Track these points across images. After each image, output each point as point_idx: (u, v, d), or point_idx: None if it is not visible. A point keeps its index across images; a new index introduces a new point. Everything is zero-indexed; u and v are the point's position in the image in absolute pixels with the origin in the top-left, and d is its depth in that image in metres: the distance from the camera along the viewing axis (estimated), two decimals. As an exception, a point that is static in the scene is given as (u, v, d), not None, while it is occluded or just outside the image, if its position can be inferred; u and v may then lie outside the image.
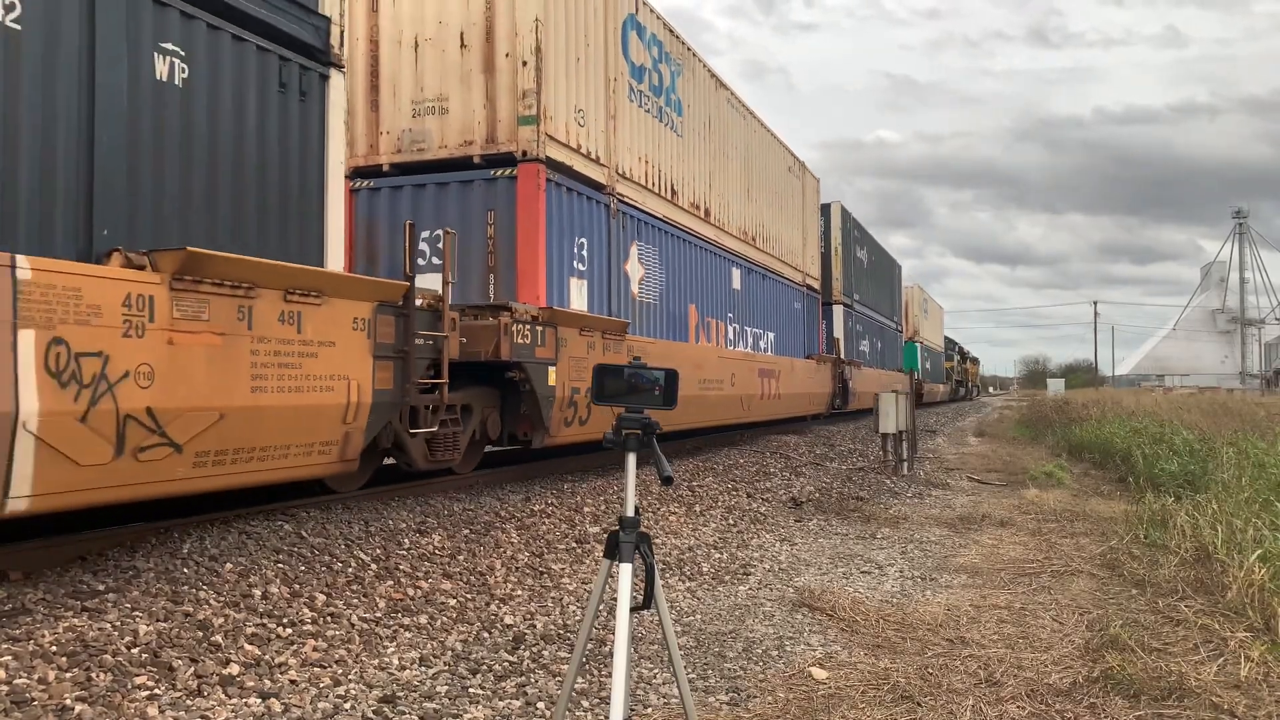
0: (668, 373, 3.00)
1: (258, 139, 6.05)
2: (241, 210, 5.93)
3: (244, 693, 3.89)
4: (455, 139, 9.45)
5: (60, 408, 4.34)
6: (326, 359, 5.96)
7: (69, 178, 4.85)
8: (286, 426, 5.71)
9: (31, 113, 4.66)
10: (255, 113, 6.03)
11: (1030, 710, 4.06)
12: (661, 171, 12.49)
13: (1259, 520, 6.80)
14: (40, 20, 4.64)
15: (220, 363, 5.17)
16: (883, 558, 7.58)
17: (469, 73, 9.39)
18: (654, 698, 4.21)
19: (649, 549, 2.89)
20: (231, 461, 5.37)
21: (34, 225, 4.67)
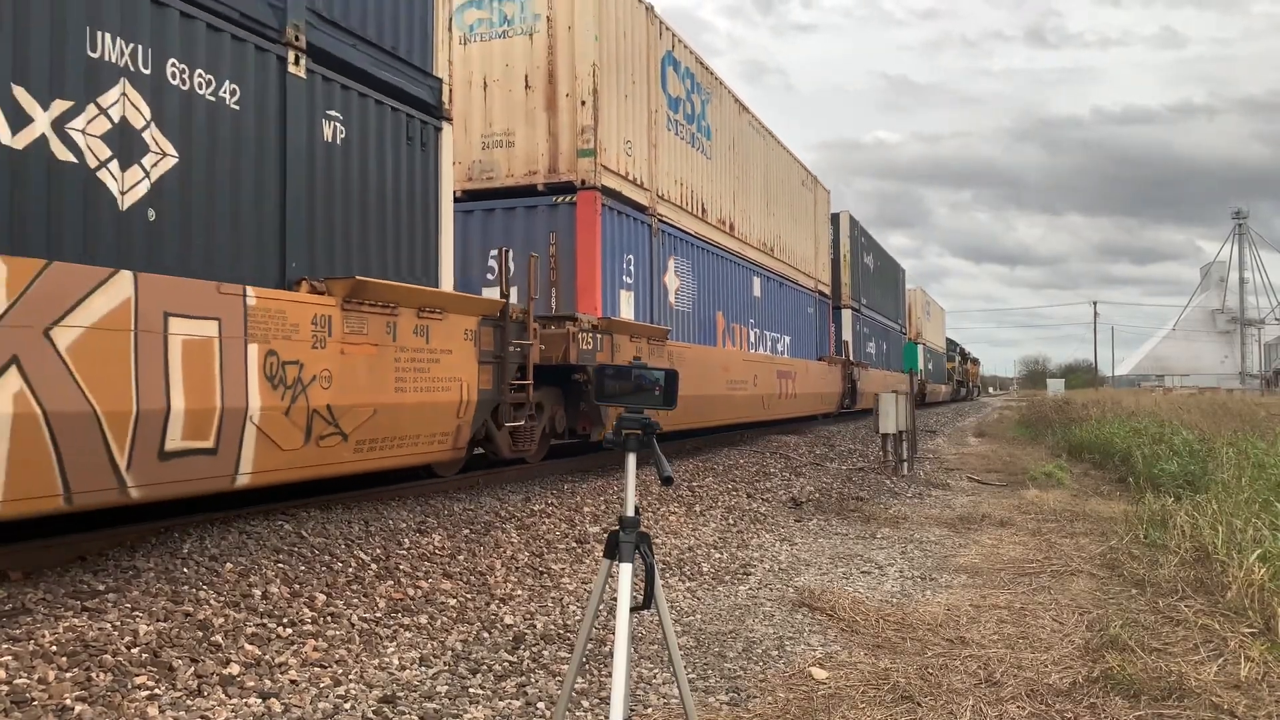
0: (668, 373, 3.00)
1: (393, 183, 7.35)
2: (382, 241, 7.24)
3: (244, 693, 3.89)
4: (520, 169, 10.63)
5: (273, 405, 5.59)
6: (446, 364, 7.32)
7: (271, 221, 6.09)
8: (418, 420, 7.03)
9: (248, 172, 5.90)
10: (391, 162, 7.32)
11: (1030, 710, 4.06)
12: (694, 192, 13.77)
13: (1259, 520, 6.80)
14: (252, 100, 5.92)
15: (375, 368, 6.50)
16: (883, 558, 7.58)
17: (533, 110, 10.64)
18: (654, 698, 4.21)
19: (649, 549, 2.89)
20: (380, 448, 6.70)
21: (251, 261, 5.92)
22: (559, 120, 10.50)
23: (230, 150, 5.76)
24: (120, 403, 4.70)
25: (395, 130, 7.38)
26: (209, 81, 5.61)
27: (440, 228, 7.92)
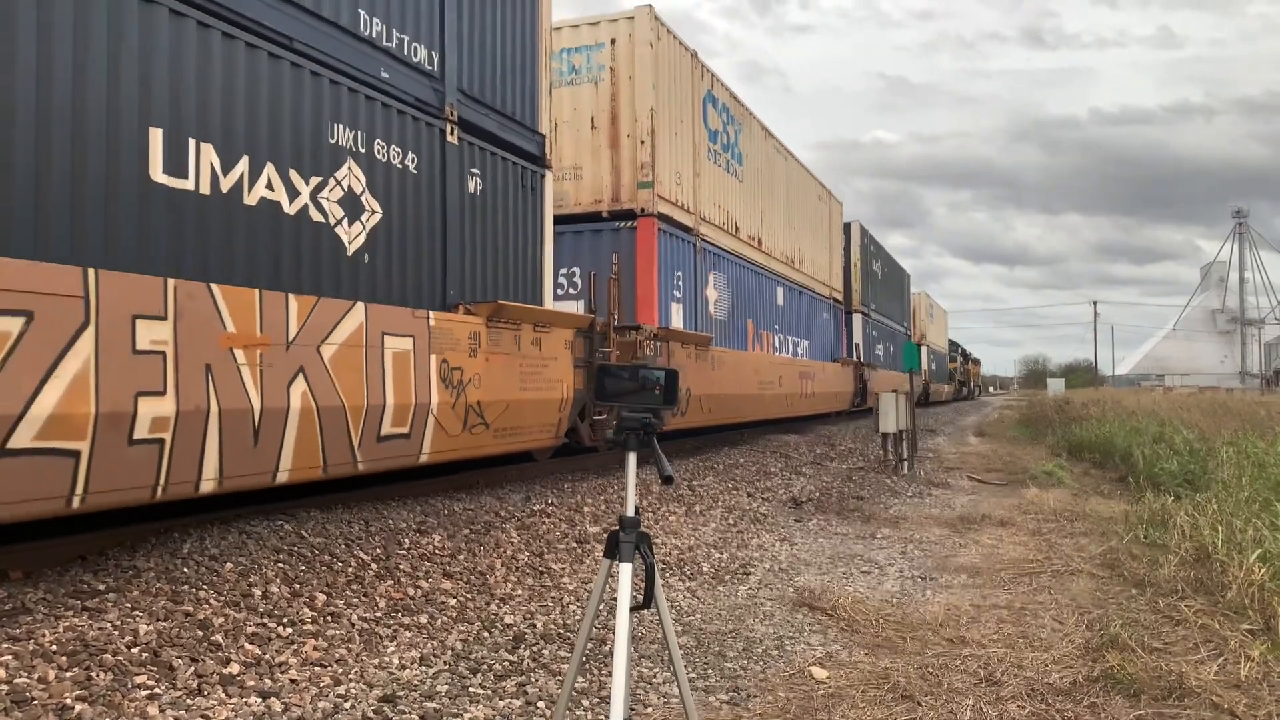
0: (668, 372, 3.00)
1: (513, 222, 9.19)
2: (506, 269, 9.04)
3: (244, 692, 3.89)
4: (587, 198, 12.44)
5: (445, 401, 7.48)
6: (552, 369, 9.26)
7: (437, 258, 7.89)
8: (534, 413, 8.95)
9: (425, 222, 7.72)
10: (512, 205, 9.15)
11: (1030, 710, 4.06)
12: (728, 213, 15.58)
13: (1259, 520, 6.80)
14: (425, 165, 7.77)
15: (507, 372, 8.46)
16: (883, 557, 7.58)
17: (598, 148, 12.45)
18: (654, 697, 4.21)
19: (649, 549, 2.89)
20: (510, 435, 8.61)
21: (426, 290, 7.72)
22: (621, 156, 12.37)
23: (413, 206, 7.56)
24: (357, 399, 6.48)
25: (515, 179, 9.27)
26: (399, 153, 7.44)
27: (543, 256, 9.74)
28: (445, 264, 7.93)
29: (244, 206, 5.88)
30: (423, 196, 7.68)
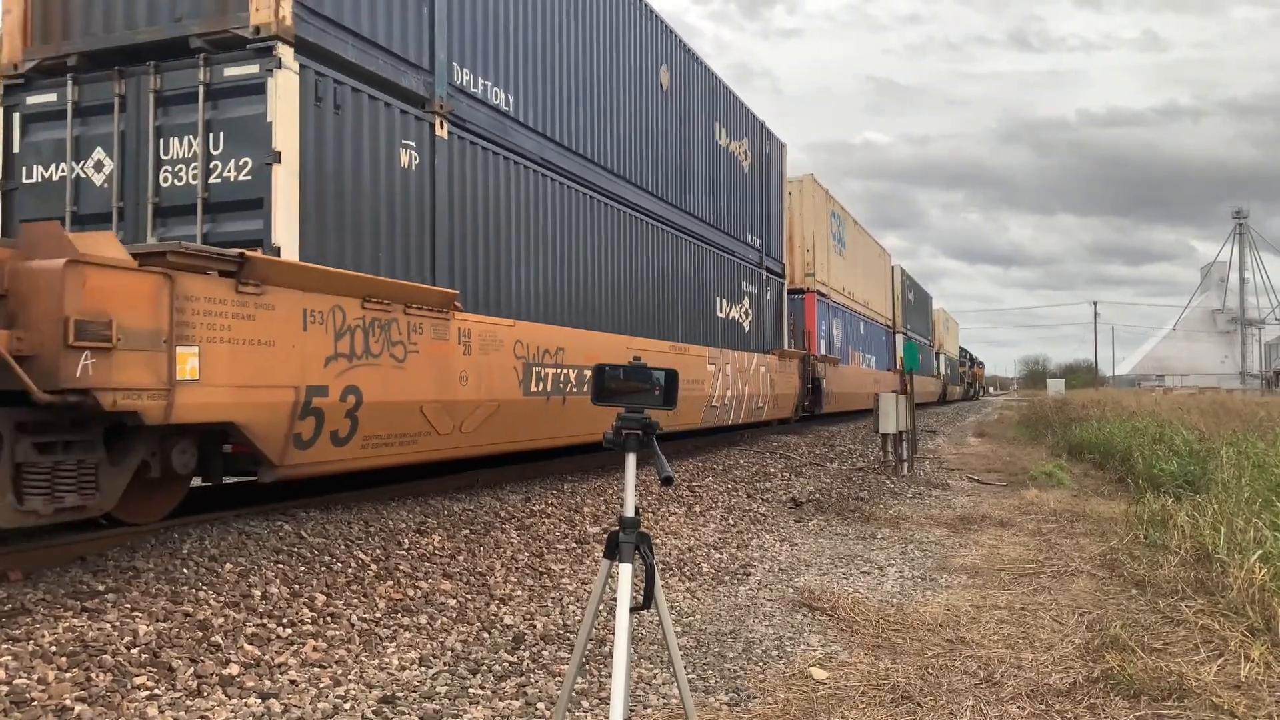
0: (668, 373, 3.00)
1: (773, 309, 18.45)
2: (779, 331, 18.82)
3: (244, 693, 3.89)
4: None
5: (770, 393, 17.51)
6: (793, 378, 19.25)
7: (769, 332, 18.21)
8: (786, 399, 18.72)
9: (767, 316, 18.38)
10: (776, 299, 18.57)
11: (1030, 710, 4.06)
12: (838, 279, 24.84)
13: (1259, 520, 6.79)
14: (770, 294, 18.73)
15: (783, 378, 18.53)
16: (883, 558, 7.58)
17: (784, 251, 19.92)
18: (654, 698, 4.20)
19: (649, 549, 2.89)
20: (781, 408, 18.57)
21: (765, 346, 17.47)
22: (795, 258, 21.47)
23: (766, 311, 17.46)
24: (754, 390, 16.13)
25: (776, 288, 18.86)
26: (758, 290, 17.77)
27: (783, 325, 19.04)
28: (773, 332, 18.01)
29: (720, 318, 14.99)
30: (766, 304, 17.48)
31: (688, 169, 13.73)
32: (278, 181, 6.31)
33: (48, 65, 7.04)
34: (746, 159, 16.49)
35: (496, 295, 8.65)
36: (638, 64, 12.03)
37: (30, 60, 7.06)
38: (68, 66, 6.96)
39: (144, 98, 6.76)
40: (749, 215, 16.66)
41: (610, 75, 11.19)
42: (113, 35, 6.85)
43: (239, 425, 5.62)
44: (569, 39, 10.12)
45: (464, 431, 7.79)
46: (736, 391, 15.14)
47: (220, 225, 6.55)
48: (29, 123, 7.15)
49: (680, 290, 13.29)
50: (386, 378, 6.85)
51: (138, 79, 6.79)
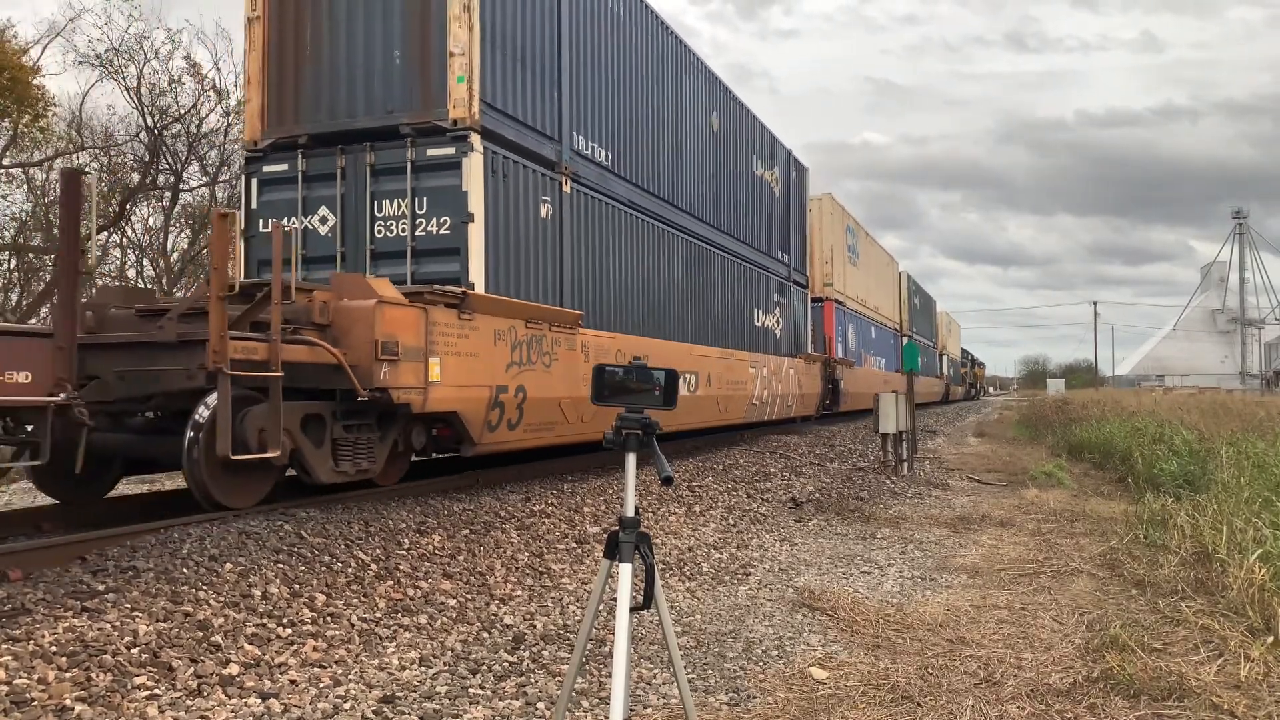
0: (668, 373, 3.00)
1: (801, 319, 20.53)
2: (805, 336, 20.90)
3: (244, 693, 3.89)
4: None
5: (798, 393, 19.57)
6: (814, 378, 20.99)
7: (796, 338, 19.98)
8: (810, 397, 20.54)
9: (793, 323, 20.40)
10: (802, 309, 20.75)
11: (1030, 710, 4.06)
12: (852, 286, 27.02)
13: (1259, 520, 6.79)
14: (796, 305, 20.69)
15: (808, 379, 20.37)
16: (882, 558, 7.58)
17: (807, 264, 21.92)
18: (654, 698, 4.20)
19: (649, 549, 2.89)
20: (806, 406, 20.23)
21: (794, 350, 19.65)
22: (816, 269, 23.27)
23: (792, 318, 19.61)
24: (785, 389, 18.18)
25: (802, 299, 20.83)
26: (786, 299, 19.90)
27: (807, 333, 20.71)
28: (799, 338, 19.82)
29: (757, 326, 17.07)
30: (793, 313, 19.41)
31: (732, 198, 15.93)
32: (471, 236, 8.41)
33: (281, 142, 9.04)
34: (777, 185, 18.77)
35: (601, 313, 10.89)
36: (695, 113, 14.30)
37: (268, 139, 9.07)
38: (298, 144, 8.97)
39: (361, 169, 8.78)
40: (779, 234, 18.89)
41: (675, 125, 13.46)
42: (336, 121, 8.86)
43: (459, 414, 7.75)
44: (646, 100, 12.44)
45: (583, 421, 9.90)
46: (772, 391, 17.45)
47: (424, 267, 8.60)
48: (264, 186, 9.18)
49: (727, 303, 15.58)
50: (540, 379, 9.00)
51: (355, 155, 8.80)
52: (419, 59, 8.61)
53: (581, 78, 10.54)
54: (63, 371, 5.67)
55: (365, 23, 8.83)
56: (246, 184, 9.32)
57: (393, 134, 8.63)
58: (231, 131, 26.56)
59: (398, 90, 8.68)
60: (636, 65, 12.07)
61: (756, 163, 17.30)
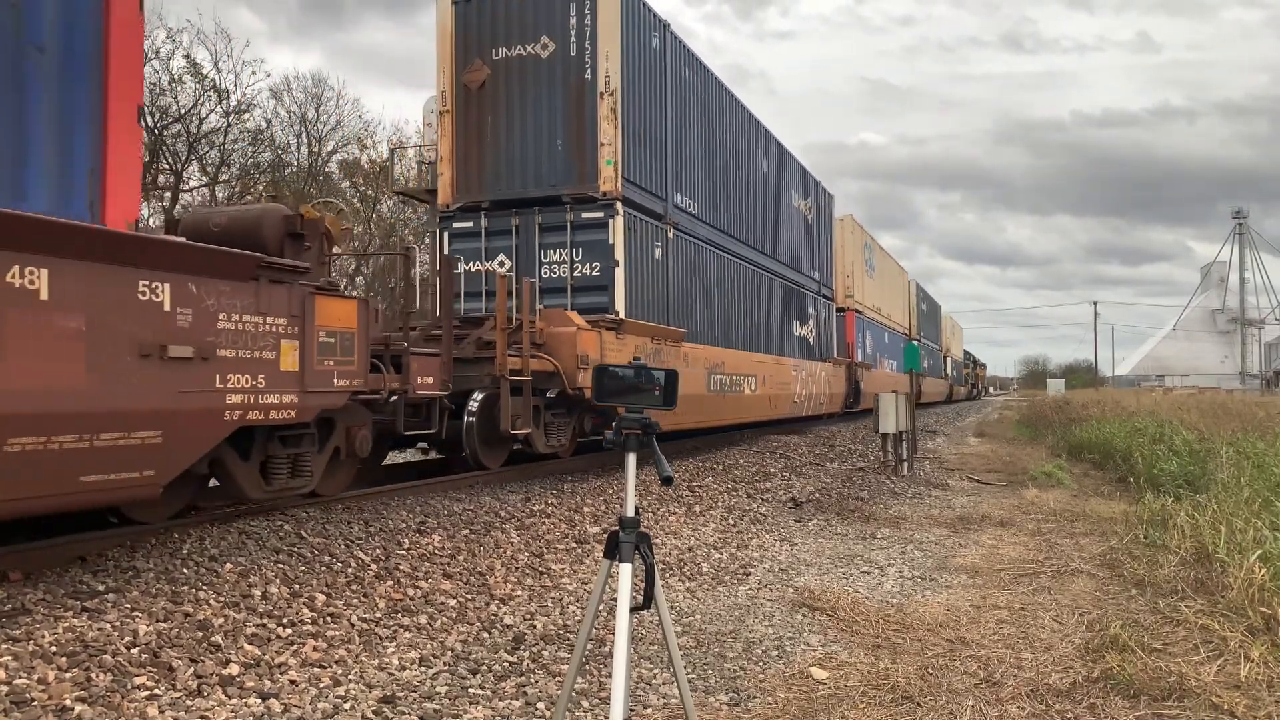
0: (668, 373, 3.00)
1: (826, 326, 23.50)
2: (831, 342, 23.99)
3: (244, 693, 3.89)
4: None
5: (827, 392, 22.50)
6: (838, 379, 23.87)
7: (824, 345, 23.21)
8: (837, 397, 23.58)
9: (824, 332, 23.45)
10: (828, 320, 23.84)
11: (1030, 710, 4.06)
12: (869, 297, 29.84)
13: (1259, 520, 6.79)
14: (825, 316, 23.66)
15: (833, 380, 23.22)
16: (882, 558, 7.58)
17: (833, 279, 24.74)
18: (654, 698, 4.20)
19: (649, 549, 2.88)
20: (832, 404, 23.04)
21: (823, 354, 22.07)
22: (839, 283, 25.72)
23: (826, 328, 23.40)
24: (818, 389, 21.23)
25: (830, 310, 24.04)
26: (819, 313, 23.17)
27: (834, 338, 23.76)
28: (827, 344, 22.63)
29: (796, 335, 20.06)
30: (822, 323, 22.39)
31: (776, 228, 19.00)
32: (617, 276, 11.51)
33: (468, 206, 12.10)
34: (810, 212, 21.85)
35: (693, 329, 13.87)
36: (751, 161, 17.28)
37: (457, 203, 12.16)
38: (481, 207, 12.05)
39: (530, 227, 11.85)
40: (811, 254, 21.96)
41: (737, 173, 16.47)
42: (512, 191, 11.92)
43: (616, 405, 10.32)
44: (718, 155, 15.45)
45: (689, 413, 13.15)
46: (808, 390, 20.60)
47: (579, 299, 11.56)
48: (454, 238, 12.21)
49: (775, 316, 18.60)
50: None
51: (527, 216, 11.87)
52: (576, 147, 11.65)
53: (678, 146, 13.58)
54: (445, 375, 8.19)
55: (534, 119, 11.79)
56: (440, 236, 12.45)
57: (555, 201, 11.68)
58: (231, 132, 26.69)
59: (560, 169, 11.68)
60: (712, 129, 15.13)
61: (794, 196, 20.50)
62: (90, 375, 4.65)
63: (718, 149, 15.40)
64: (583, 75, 11.62)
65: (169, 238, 5.45)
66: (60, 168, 4.84)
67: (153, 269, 4.99)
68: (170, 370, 5.10)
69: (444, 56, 12.11)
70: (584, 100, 11.59)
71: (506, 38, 11.87)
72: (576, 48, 11.66)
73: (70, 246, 4.52)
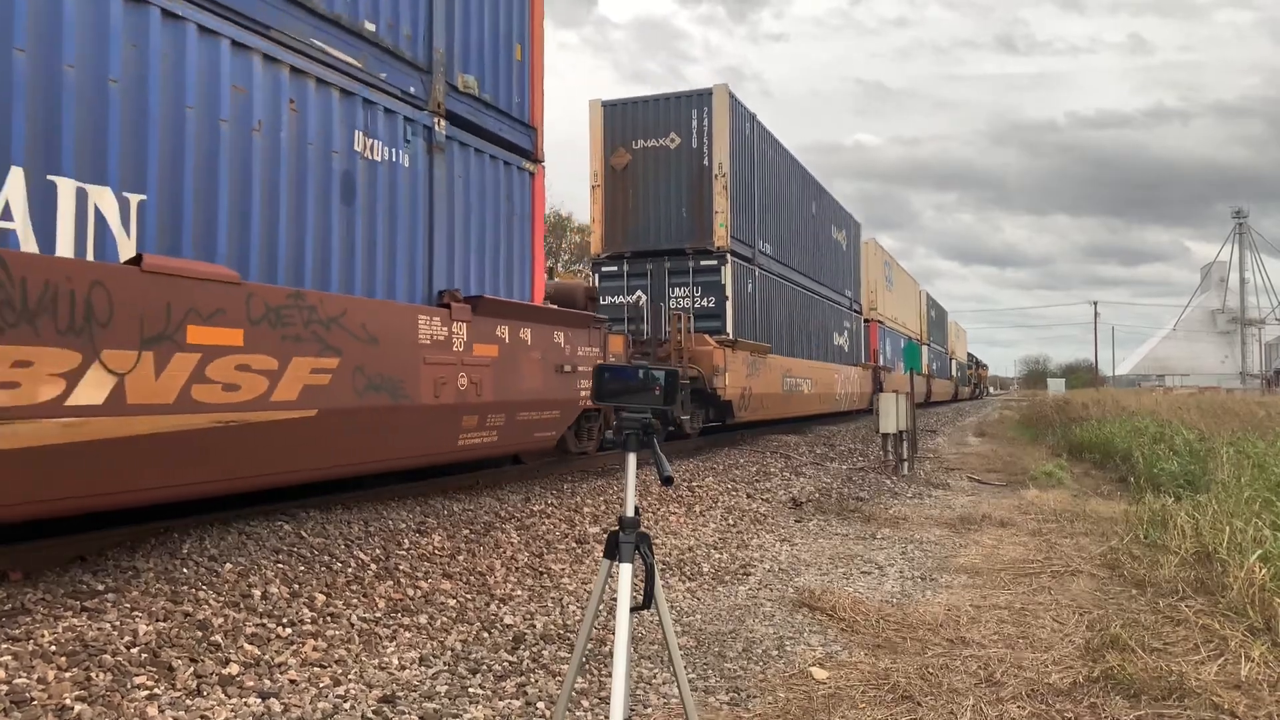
0: (668, 373, 3.00)
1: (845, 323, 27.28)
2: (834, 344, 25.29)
3: (244, 692, 3.89)
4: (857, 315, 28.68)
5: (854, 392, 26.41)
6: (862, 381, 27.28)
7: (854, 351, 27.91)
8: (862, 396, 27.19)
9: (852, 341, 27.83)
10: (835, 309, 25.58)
11: (1030, 710, 4.06)
12: (888, 308, 33.36)
13: (1259, 520, 6.79)
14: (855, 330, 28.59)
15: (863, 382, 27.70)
16: (883, 558, 7.58)
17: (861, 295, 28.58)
18: (654, 698, 4.20)
19: (649, 549, 2.88)
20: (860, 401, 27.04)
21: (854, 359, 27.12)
22: (864, 298, 29.35)
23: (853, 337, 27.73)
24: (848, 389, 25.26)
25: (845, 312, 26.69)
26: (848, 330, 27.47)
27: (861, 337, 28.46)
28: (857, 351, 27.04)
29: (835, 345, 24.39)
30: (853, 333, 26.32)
31: (821, 257, 23.11)
32: (728, 307, 15.71)
33: (614, 255, 16.43)
34: (844, 241, 26.04)
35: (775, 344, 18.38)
36: (804, 205, 21.43)
37: (605, 253, 16.48)
38: (624, 256, 16.35)
39: (661, 271, 16.14)
40: (845, 276, 26.19)
41: (795, 216, 20.58)
42: (647, 244, 16.26)
43: (732, 401, 15.05)
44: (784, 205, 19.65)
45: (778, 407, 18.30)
46: (845, 390, 24.89)
47: (699, 325, 15.40)
48: (603, 278, 16.38)
49: (822, 330, 22.87)
50: (758, 384, 16.72)
51: (658, 263, 16.15)
52: (697, 213, 15.93)
53: (761, 205, 17.78)
54: None
55: (664, 193, 16.12)
56: (593, 275, 16.70)
57: (680, 253, 16.00)
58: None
59: (684, 229, 16.00)
60: (780, 187, 19.30)
61: (833, 229, 24.65)
62: (544, 381, 9.00)
63: (784, 201, 19.60)
64: (701, 162, 15.87)
65: (564, 309, 9.77)
66: (523, 276, 9.29)
67: (556, 325, 9.38)
68: (564, 378, 9.45)
69: (595, 145, 16.35)
70: (703, 180, 15.83)
71: (644, 133, 16.24)
72: (697, 141, 15.91)
73: (534, 316, 8.94)
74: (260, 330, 5.53)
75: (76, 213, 4.78)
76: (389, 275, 7.20)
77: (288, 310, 5.77)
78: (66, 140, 4.72)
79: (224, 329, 5.29)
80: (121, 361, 4.72)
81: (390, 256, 7.21)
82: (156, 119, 5.21)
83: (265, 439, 5.66)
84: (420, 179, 7.54)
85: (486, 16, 8.62)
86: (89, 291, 4.53)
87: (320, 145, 6.47)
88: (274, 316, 5.66)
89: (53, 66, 4.68)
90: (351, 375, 6.30)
